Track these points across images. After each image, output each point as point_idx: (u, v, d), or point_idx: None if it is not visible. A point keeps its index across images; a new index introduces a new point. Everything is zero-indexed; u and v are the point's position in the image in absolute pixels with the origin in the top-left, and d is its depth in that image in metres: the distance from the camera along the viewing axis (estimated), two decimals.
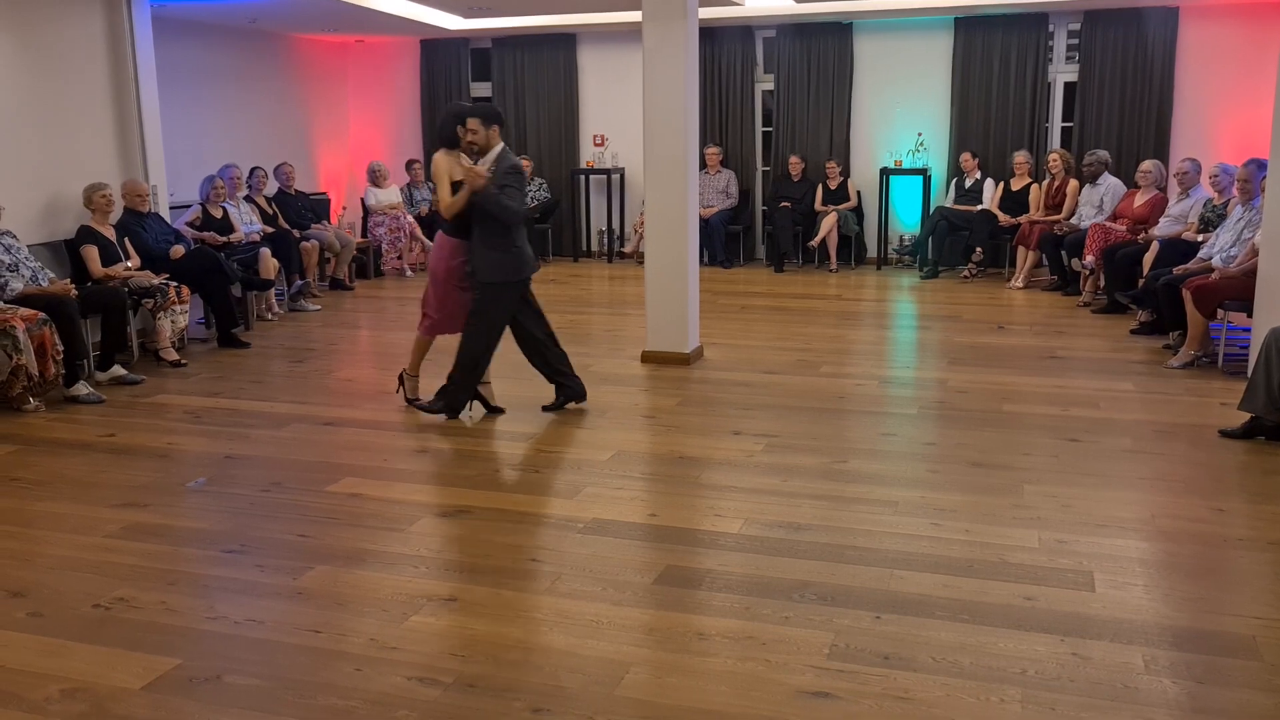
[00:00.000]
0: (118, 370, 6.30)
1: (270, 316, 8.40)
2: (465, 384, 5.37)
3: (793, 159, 10.80)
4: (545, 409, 5.54)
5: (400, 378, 5.72)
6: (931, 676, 2.82)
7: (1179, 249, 7.38)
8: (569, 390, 5.55)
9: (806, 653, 2.95)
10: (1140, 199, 8.60)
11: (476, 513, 4.10)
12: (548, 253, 11.72)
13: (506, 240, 5.20)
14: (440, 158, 5.30)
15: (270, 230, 8.89)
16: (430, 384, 5.66)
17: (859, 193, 10.83)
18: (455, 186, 5.20)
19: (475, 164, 5.14)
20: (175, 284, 6.87)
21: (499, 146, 5.19)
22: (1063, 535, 3.79)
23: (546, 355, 5.50)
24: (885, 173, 10.64)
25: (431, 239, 10.90)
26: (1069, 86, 10.43)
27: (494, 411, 5.52)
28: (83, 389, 5.89)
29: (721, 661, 2.92)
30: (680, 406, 5.63)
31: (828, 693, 2.75)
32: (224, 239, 8.10)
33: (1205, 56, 9.81)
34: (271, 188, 9.59)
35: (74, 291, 6.11)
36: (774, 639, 3.04)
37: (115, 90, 7.33)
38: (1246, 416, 4.91)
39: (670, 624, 3.16)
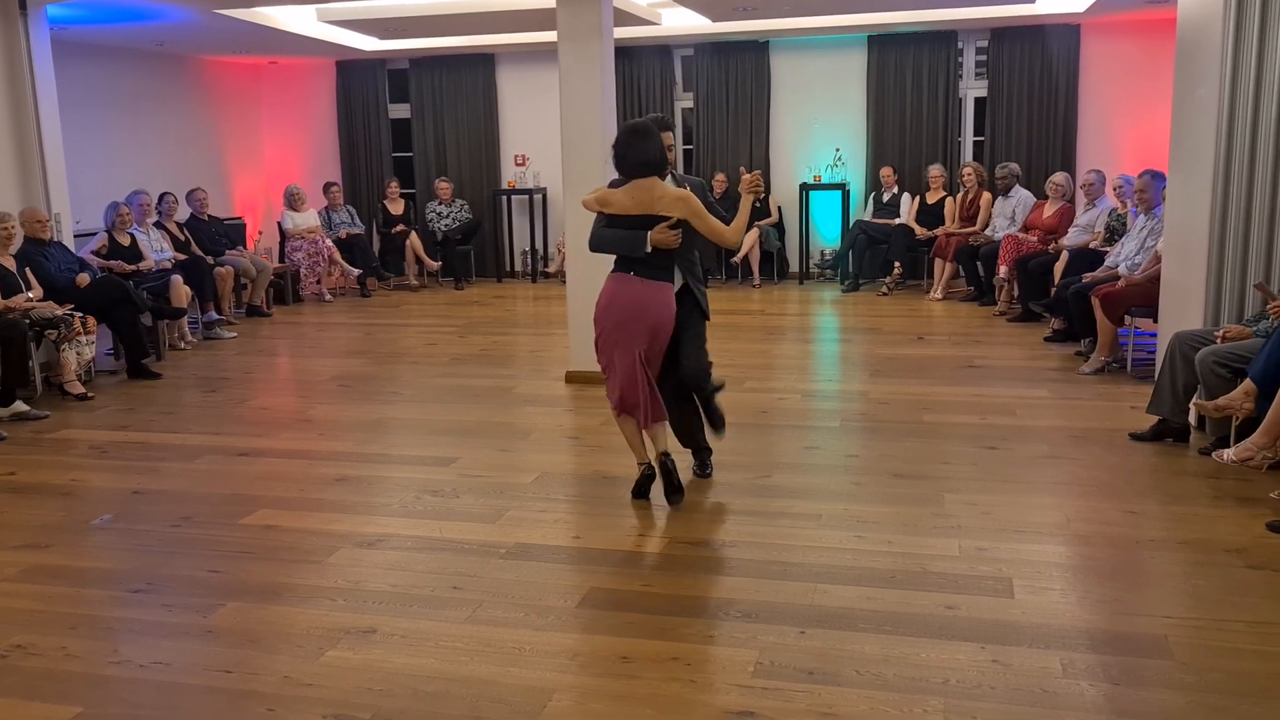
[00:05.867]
0: (19, 406, 6.05)
1: (183, 346, 8.16)
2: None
3: (718, 176, 10.86)
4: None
5: (662, 465, 4.31)
6: (855, 690, 2.82)
7: (1087, 258, 7.59)
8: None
9: (731, 671, 2.93)
10: (1049, 210, 8.83)
11: (396, 541, 4.01)
12: (471, 274, 11.62)
13: (700, 270, 4.54)
14: (680, 189, 4.19)
15: (183, 257, 8.67)
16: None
17: (780, 208, 10.94)
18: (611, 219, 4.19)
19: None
20: (80, 314, 6.63)
21: None
22: (983, 543, 3.83)
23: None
24: (805, 188, 10.77)
25: (354, 264, 10.91)
26: (979, 101, 10.69)
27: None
28: None
29: (646, 684, 2.88)
30: (604, 426, 5.58)
31: (753, 712, 2.72)
32: (132, 267, 7.87)
33: (1106, 71, 10.14)
34: (184, 213, 9.35)
35: None
36: (699, 659, 3.01)
37: (13, 115, 7.06)
38: (1155, 419, 5.05)
39: (594, 648, 3.11)
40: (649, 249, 4.07)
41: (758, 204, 4.33)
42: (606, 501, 4.42)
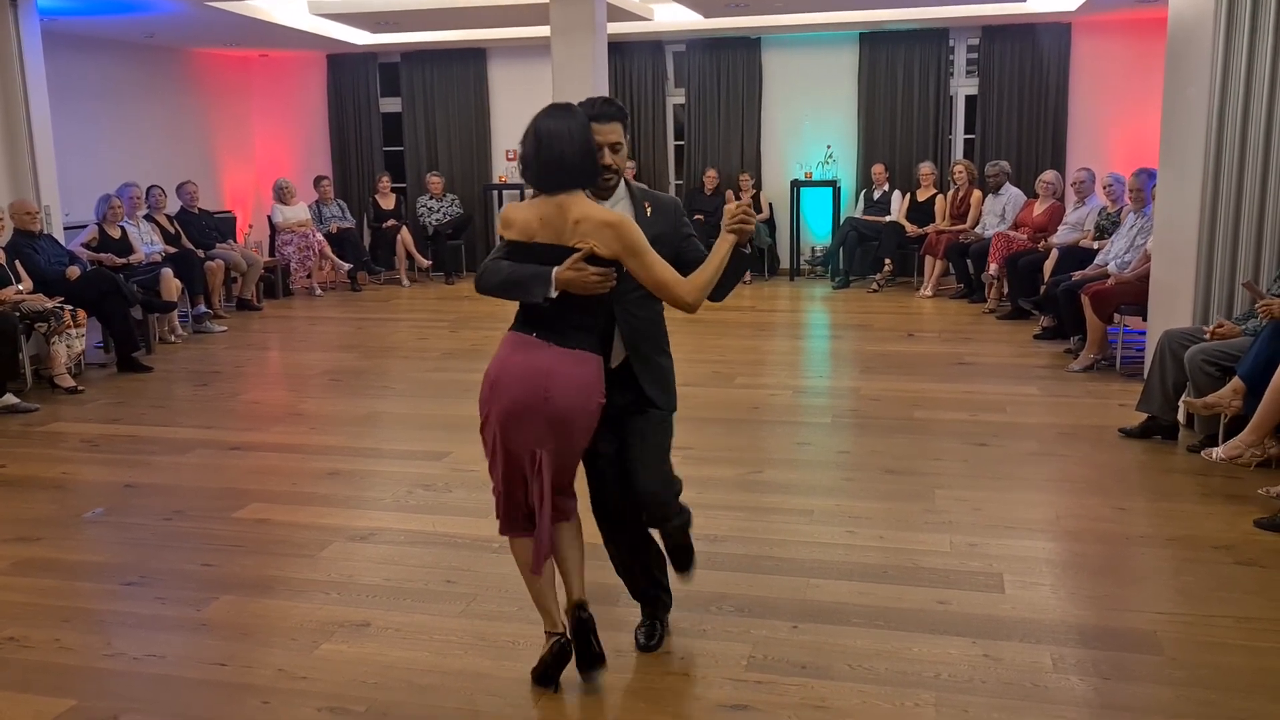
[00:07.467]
0: (10, 399, 6.02)
1: (173, 339, 8.13)
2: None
3: (709, 172, 10.87)
4: None
5: (577, 622, 2.87)
6: (848, 684, 2.83)
7: (1077, 256, 7.62)
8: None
9: (724, 665, 2.95)
10: (1039, 208, 8.86)
11: (388, 535, 4.01)
12: (461, 269, 11.61)
13: (667, 335, 3.11)
14: (608, 212, 2.72)
15: (173, 250, 8.64)
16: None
17: (771, 205, 10.96)
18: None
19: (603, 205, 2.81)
20: (71, 307, 6.61)
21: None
22: (973, 538, 3.86)
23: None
24: (796, 185, 10.79)
25: (344, 258, 10.91)
26: (970, 99, 10.72)
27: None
28: None
29: (640, 678, 2.90)
30: None
31: (746, 705, 2.74)
32: (123, 260, 7.84)
33: (1097, 70, 10.18)
34: (174, 206, 9.32)
35: None
36: (692, 653, 3.03)
37: (3, 106, 7.04)
38: (1144, 416, 5.08)
39: None
40: (553, 293, 2.63)
41: (745, 249, 3.00)
42: None
